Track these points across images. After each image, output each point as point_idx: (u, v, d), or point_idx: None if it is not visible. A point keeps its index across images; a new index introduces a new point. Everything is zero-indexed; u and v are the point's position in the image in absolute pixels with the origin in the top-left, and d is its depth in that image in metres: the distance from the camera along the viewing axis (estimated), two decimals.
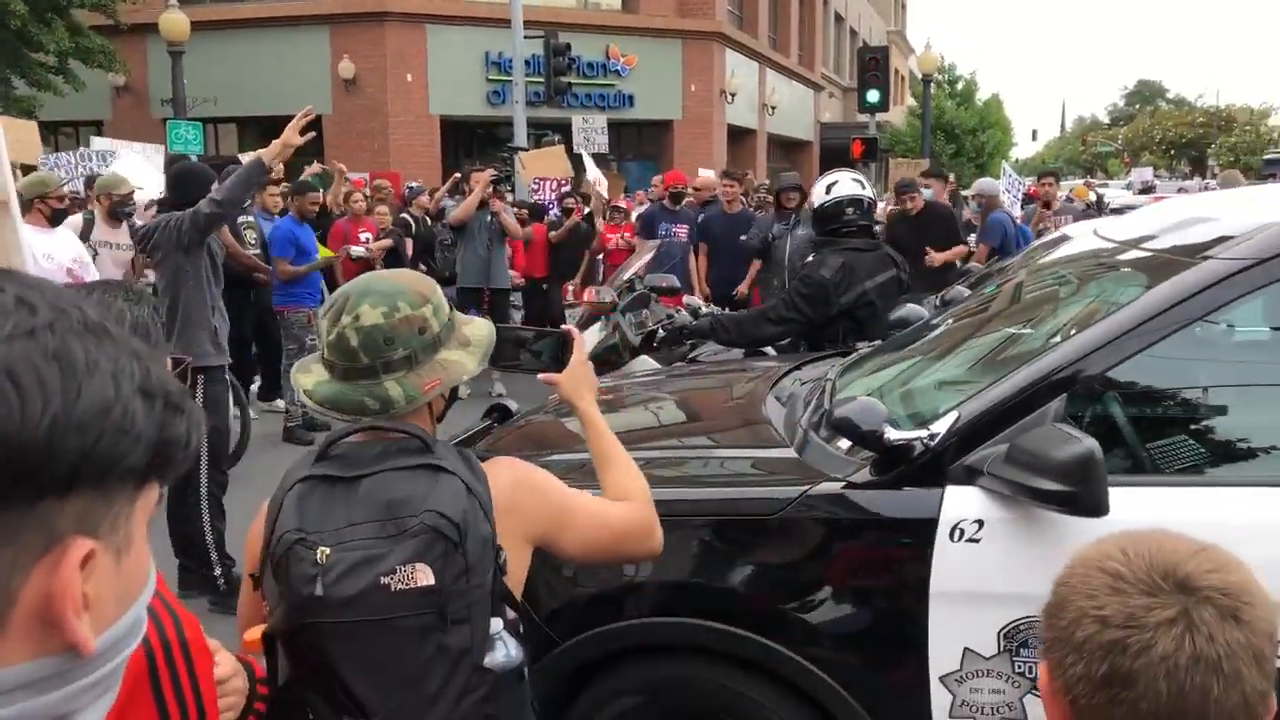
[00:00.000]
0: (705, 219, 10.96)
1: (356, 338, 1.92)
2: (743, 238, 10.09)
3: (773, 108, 31.69)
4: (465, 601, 1.80)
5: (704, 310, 5.87)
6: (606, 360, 5.68)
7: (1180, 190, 13.78)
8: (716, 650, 2.89)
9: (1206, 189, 28.50)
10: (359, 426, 1.93)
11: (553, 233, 12.02)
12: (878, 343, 4.30)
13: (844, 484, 2.84)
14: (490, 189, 10.05)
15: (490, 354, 2.08)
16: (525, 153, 16.75)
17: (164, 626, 1.23)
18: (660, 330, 5.77)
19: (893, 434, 2.72)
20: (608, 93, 26.84)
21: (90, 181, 10.53)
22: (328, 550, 1.78)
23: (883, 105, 23.79)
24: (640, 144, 28.18)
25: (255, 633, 1.89)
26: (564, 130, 18.44)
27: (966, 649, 2.69)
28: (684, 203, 11.46)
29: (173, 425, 0.82)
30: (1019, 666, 2.66)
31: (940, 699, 2.72)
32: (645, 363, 5.46)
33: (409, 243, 11.09)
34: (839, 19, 42.03)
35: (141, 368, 0.81)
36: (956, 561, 2.67)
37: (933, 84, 28.07)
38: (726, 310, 7.73)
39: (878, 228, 7.82)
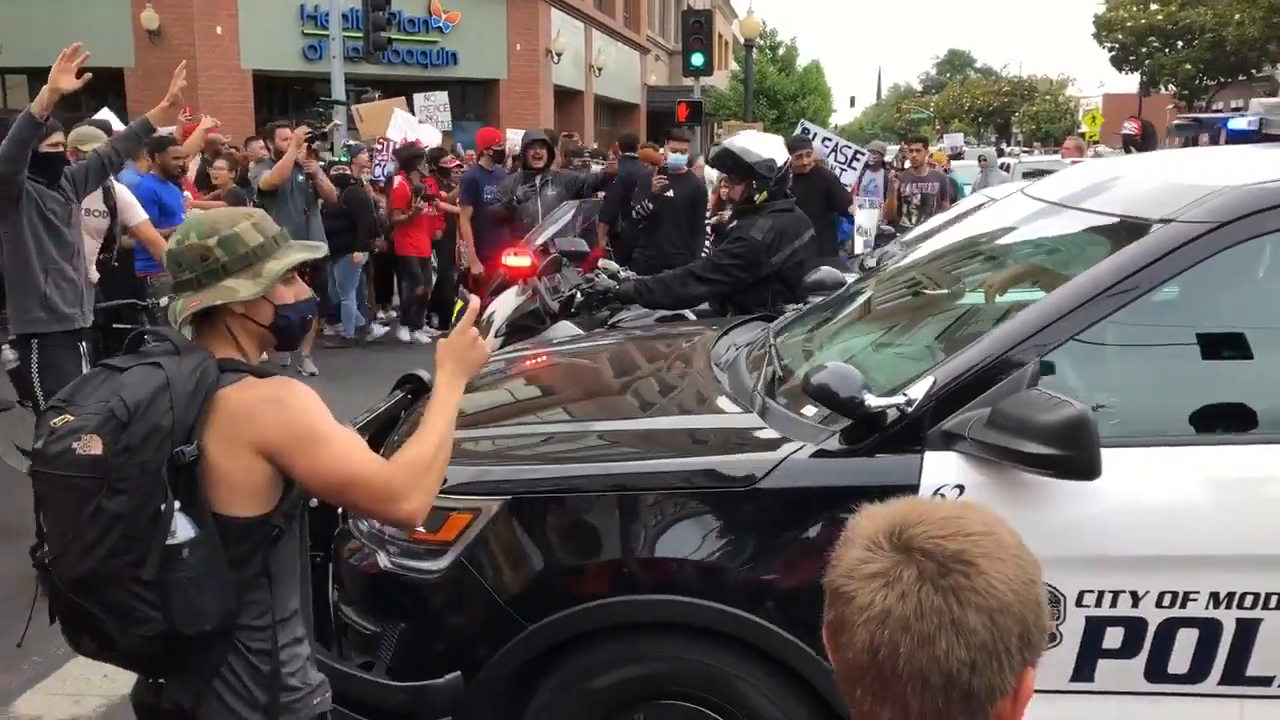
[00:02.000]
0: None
1: (167, 259, 2.31)
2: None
3: (599, 69, 31.44)
4: (124, 475, 2.06)
5: (622, 274, 5.64)
6: (526, 326, 5.41)
7: (981, 158, 14.20)
8: (694, 626, 2.80)
9: (1003, 153, 29.43)
10: (146, 330, 2.34)
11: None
12: (805, 305, 4.20)
13: (815, 451, 2.78)
14: (304, 148, 9.42)
15: (270, 286, 2.27)
16: (363, 105, 16.00)
17: None
18: (578, 295, 5.51)
19: (872, 400, 2.67)
20: (430, 50, 26.07)
21: None
22: (69, 418, 2.12)
23: (707, 69, 23.84)
24: (465, 104, 27.49)
25: None
26: (385, 87, 17.79)
27: None
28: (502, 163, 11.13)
29: None
30: None
31: None
32: (565, 328, 5.23)
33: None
34: None
35: None
36: None
37: (755, 49, 28.32)
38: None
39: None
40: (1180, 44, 37.68)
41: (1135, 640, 2.64)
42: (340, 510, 3.27)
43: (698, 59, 23.07)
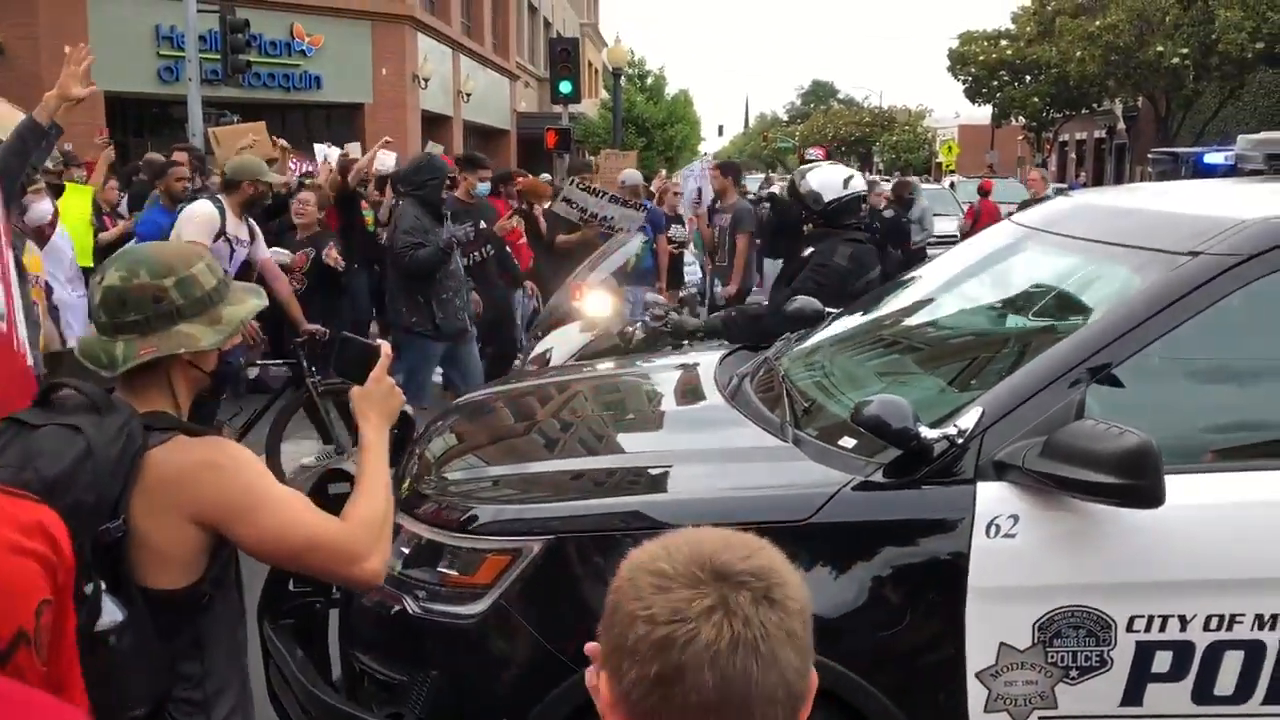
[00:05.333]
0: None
1: (98, 296, 2.08)
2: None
3: (468, 95, 31.18)
4: None
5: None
6: None
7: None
8: None
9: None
10: (60, 381, 2.04)
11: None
12: (794, 335, 4.12)
13: (859, 484, 2.77)
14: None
15: (233, 334, 2.14)
16: (220, 129, 15.48)
17: None
18: (639, 331, 5.37)
19: (926, 431, 2.68)
20: (293, 73, 25.55)
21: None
22: None
23: (574, 96, 24.06)
24: (330, 127, 26.91)
25: None
26: (245, 111, 17.27)
27: (1002, 643, 2.70)
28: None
29: None
30: (1052, 656, 2.70)
31: (976, 695, 2.72)
32: None
33: None
34: (533, 9, 41.87)
35: None
36: (994, 558, 2.66)
37: (623, 77, 28.53)
38: None
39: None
40: (1028, 78, 39.56)
41: (1183, 663, 2.69)
42: None
43: (566, 86, 23.25)
